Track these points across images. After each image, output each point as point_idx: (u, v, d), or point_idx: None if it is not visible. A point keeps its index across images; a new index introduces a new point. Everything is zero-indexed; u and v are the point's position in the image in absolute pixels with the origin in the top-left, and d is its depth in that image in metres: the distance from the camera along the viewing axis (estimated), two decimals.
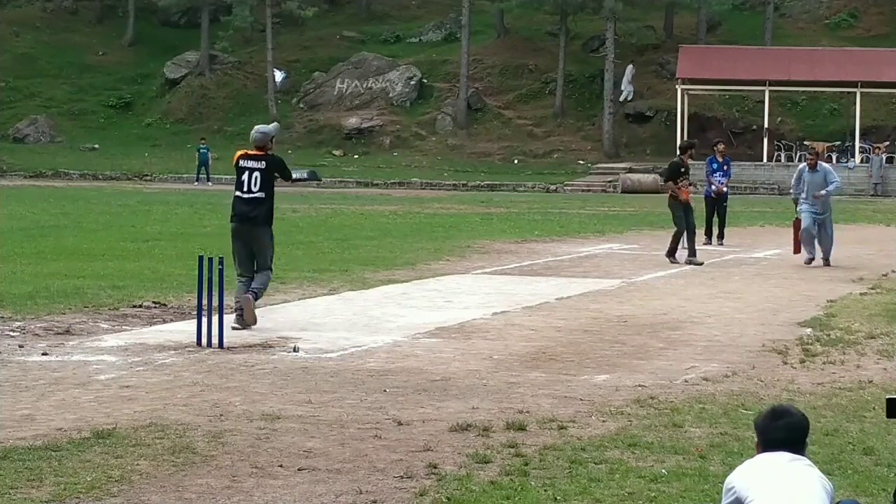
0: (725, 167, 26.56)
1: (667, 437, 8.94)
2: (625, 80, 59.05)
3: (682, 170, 22.70)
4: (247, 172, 14.45)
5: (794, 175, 23.03)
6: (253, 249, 14.40)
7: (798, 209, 22.48)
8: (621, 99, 58.89)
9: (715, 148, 26.80)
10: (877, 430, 9.18)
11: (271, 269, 14.71)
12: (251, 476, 7.86)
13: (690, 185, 23.04)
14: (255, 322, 13.91)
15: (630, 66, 59.32)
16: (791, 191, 23.17)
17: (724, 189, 26.39)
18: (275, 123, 17.52)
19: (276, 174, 14.66)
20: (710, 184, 26.28)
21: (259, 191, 14.45)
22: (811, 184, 22.35)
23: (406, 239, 26.28)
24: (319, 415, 9.56)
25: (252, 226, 14.41)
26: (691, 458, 8.35)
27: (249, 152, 14.66)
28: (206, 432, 8.92)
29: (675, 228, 22.46)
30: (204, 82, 64.13)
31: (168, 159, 56.64)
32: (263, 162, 14.52)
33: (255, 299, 14.14)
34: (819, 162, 22.93)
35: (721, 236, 26.19)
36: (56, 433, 8.84)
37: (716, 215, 26.24)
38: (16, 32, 68.99)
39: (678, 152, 24.45)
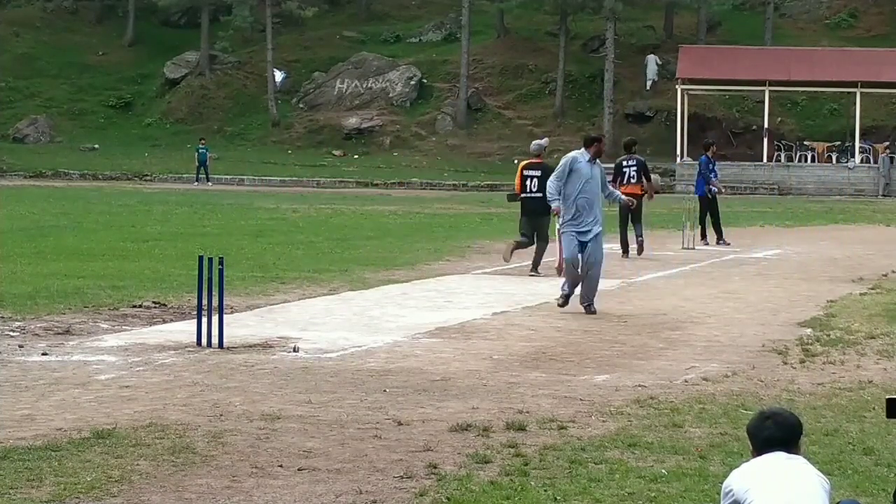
0: (715, 168, 27.21)
1: (667, 437, 8.94)
2: (650, 70, 59.38)
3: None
4: (529, 178, 20.14)
5: (559, 169, 16.44)
6: (535, 229, 20.27)
7: (559, 225, 16.46)
8: (648, 88, 59.30)
9: (711, 149, 27.11)
10: (877, 430, 9.18)
11: (547, 241, 20.09)
12: (251, 476, 7.86)
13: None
14: (507, 260, 20.58)
15: (652, 56, 59.59)
16: (550, 194, 16.41)
17: (722, 189, 27.75)
18: (546, 138, 25.21)
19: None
20: (710, 184, 26.39)
21: (537, 191, 19.53)
22: (590, 184, 16.33)
23: (406, 239, 26.28)
24: (319, 415, 9.56)
25: (537, 216, 19.98)
26: (691, 458, 8.35)
27: (530, 162, 20.47)
28: (206, 432, 8.92)
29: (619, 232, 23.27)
30: (204, 82, 64.12)
31: (168, 159, 56.62)
32: (539, 171, 19.97)
33: (535, 267, 19.96)
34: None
35: (721, 235, 26.24)
36: (56, 433, 8.84)
37: (709, 216, 26.36)
38: (16, 32, 68.97)
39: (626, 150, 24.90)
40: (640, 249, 23.38)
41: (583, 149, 16.68)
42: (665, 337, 13.72)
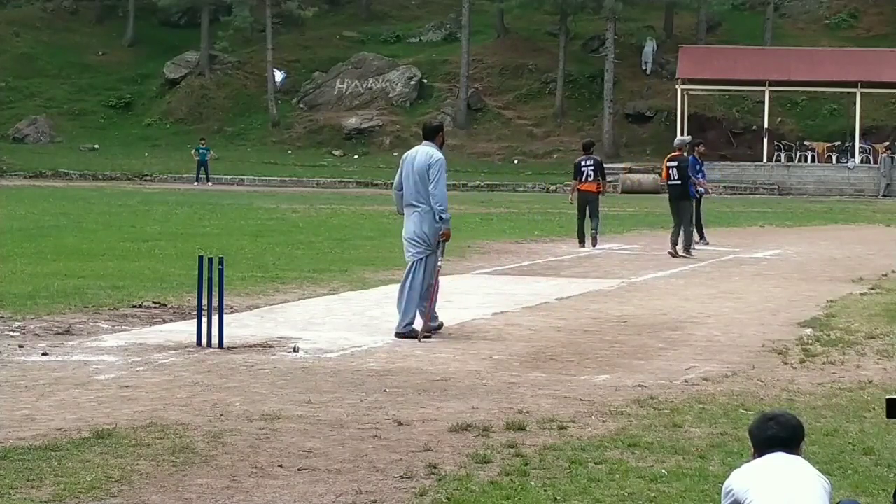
0: (702, 168, 27.19)
1: (667, 437, 8.94)
2: (648, 52, 59.54)
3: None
4: (671, 168, 23.56)
5: (443, 177, 14.05)
6: (676, 212, 23.30)
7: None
8: (649, 72, 59.46)
9: (697, 149, 27.04)
10: (877, 430, 9.18)
11: (685, 224, 23.25)
12: (251, 476, 7.86)
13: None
14: (674, 253, 22.84)
15: (650, 39, 59.75)
16: (447, 212, 14.02)
17: (709, 190, 28.72)
18: (689, 136, 28.18)
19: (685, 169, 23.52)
20: (695, 184, 26.35)
21: (677, 180, 23.46)
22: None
23: None
24: (319, 415, 9.56)
25: (677, 200, 23.44)
26: (691, 458, 8.35)
27: (672, 155, 23.86)
28: (206, 432, 8.92)
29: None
30: (204, 82, 64.13)
31: (168, 159, 56.65)
32: (676, 161, 23.59)
33: (686, 249, 23.05)
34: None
35: (702, 235, 26.11)
36: (56, 433, 8.84)
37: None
38: (16, 32, 69.00)
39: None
40: (595, 242, 24.75)
41: (426, 142, 13.83)
42: (665, 337, 13.72)
